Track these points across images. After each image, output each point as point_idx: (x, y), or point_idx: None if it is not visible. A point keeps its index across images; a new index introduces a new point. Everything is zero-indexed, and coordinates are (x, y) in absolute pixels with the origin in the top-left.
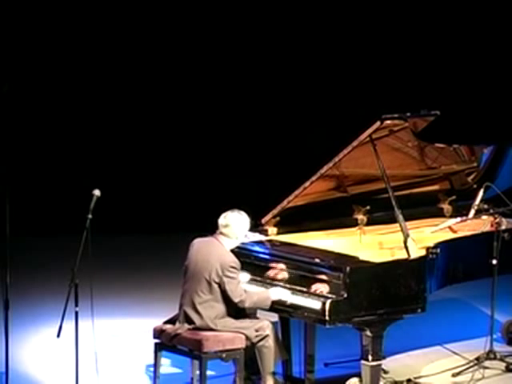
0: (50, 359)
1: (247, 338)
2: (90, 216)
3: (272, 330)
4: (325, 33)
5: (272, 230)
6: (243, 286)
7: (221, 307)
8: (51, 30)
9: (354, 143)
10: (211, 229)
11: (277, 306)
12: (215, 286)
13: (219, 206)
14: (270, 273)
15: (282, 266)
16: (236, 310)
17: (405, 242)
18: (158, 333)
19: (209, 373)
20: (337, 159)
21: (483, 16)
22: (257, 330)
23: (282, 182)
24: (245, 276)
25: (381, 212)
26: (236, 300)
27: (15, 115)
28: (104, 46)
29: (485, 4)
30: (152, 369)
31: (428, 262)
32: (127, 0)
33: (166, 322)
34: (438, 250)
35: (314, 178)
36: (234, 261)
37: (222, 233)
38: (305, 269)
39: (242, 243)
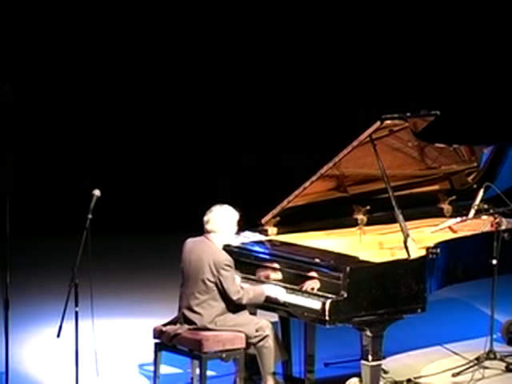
0: (49, 359)
1: (246, 335)
2: (90, 216)
3: (272, 330)
4: (325, 32)
5: (272, 229)
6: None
7: (219, 305)
8: (51, 30)
9: (354, 143)
10: None
11: (276, 306)
12: (211, 285)
13: None
14: (263, 273)
15: (275, 265)
16: (235, 306)
17: (405, 242)
18: (158, 333)
19: (209, 373)
20: (337, 159)
21: (483, 16)
22: (257, 330)
23: (281, 182)
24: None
25: (381, 212)
26: (234, 297)
27: (15, 115)
28: (104, 46)
29: (485, 4)
30: (152, 369)
31: (428, 262)
32: (127, 0)
33: (166, 325)
34: (438, 250)
35: (314, 178)
36: (227, 259)
37: (207, 230)
38: (305, 269)
39: (242, 243)
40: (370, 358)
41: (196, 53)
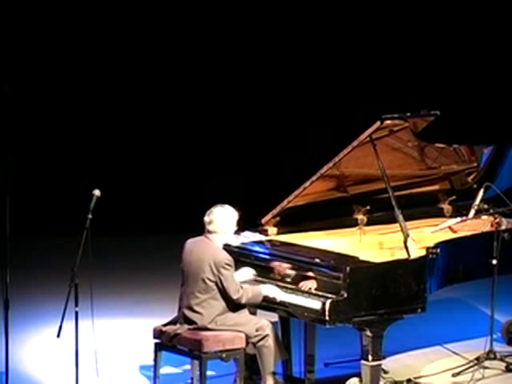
0: (49, 359)
1: (246, 335)
2: (90, 216)
3: (272, 329)
4: (325, 33)
5: (272, 229)
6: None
7: (219, 304)
8: (51, 30)
9: (354, 143)
10: None
11: (276, 306)
12: (211, 284)
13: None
14: (275, 273)
15: (285, 265)
16: (235, 305)
17: (405, 242)
18: (158, 333)
19: (209, 373)
20: (337, 159)
21: (483, 16)
22: (257, 330)
23: (281, 182)
24: (249, 271)
25: (381, 212)
26: (234, 297)
27: (15, 115)
28: (104, 46)
29: (485, 4)
30: (152, 369)
31: (428, 262)
32: (127, 0)
33: (166, 325)
34: (438, 250)
35: (314, 178)
36: (227, 258)
37: (209, 231)
38: (305, 269)
39: (242, 243)
40: (370, 357)
41: (196, 53)
